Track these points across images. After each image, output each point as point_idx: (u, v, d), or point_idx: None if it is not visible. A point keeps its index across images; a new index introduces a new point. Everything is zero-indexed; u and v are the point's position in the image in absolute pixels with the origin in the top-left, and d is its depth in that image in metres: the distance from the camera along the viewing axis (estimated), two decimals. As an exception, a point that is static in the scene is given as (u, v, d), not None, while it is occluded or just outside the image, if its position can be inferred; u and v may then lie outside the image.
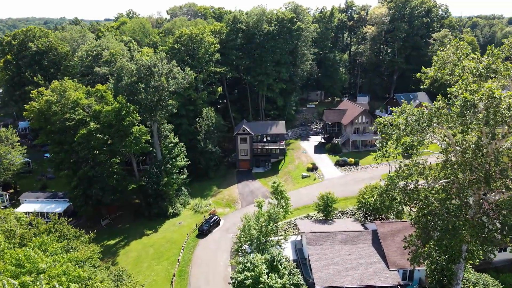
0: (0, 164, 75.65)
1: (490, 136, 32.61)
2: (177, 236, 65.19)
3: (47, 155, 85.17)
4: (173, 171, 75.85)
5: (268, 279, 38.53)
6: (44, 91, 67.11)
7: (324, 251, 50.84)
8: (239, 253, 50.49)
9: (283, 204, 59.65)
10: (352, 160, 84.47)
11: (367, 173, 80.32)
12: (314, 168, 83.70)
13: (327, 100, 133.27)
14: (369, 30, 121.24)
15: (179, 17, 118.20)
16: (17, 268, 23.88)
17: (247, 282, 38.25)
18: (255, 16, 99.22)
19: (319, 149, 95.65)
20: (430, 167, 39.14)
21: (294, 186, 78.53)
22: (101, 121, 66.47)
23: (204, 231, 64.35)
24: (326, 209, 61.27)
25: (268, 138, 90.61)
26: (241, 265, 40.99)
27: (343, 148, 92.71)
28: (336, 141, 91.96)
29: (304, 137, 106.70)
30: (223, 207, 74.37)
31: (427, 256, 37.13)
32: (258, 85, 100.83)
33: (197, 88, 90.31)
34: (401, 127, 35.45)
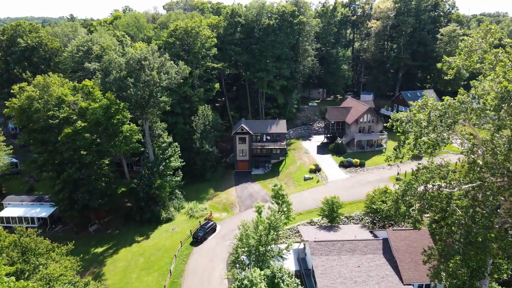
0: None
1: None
2: (169, 244, 60.26)
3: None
4: (167, 172, 70.98)
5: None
6: (26, 86, 62.16)
7: (330, 262, 45.91)
8: (237, 265, 45.66)
9: (285, 209, 54.77)
10: (358, 161, 79.49)
11: (373, 175, 75.33)
12: (317, 169, 78.75)
13: (329, 99, 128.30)
14: (373, 24, 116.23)
15: (175, 10, 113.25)
16: None
17: (244, 303, 33.35)
18: (254, 9, 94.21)
19: (322, 149, 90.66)
20: (454, 170, 34.21)
21: (296, 189, 73.57)
22: (88, 119, 61.53)
23: (199, 238, 59.42)
24: (331, 214, 56.35)
25: (268, 137, 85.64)
26: (237, 281, 36.04)
27: (347, 148, 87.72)
28: (340, 141, 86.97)
29: (306, 137, 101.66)
30: (219, 212, 69.41)
31: (452, 273, 32.16)
32: (257, 82, 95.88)
33: (193, 85, 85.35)
34: (423, 124, 30.45)
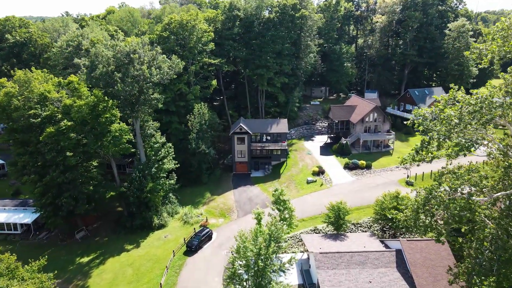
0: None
1: None
2: (161, 253, 55.35)
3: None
4: (160, 175, 66.13)
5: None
6: (5, 82, 57.29)
7: (338, 277, 41.06)
8: (234, 280, 40.79)
9: (287, 216, 49.92)
10: (364, 162, 74.57)
11: (381, 177, 70.42)
12: (320, 171, 73.86)
13: (332, 97, 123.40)
14: (379, 19, 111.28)
15: (170, 4, 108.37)
16: None
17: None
18: (254, 2, 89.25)
19: (325, 150, 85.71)
20: (485, 175, 29.35)
21: (298, 192, 68.66)
22: (73, 118, 56.63)
23: (193, 247, 54.50)
24: (338, 221, 51.43)
25: (269, 137, 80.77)
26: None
27: (352, 149, 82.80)
28: (345, 141, 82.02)
29: (308, 137, 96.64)
30: (216, 217, 64.50)
31: (486, 298, 27.35)
32: (257, 79, 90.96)
33: (189, 82, 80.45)
34: (453, 122, 25.57)
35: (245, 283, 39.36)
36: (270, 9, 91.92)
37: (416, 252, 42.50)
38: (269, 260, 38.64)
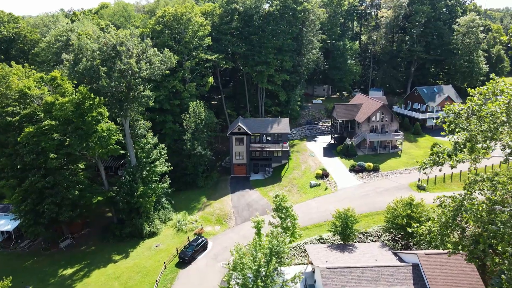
0: None
1: None
2: (151, 265, 50.50)
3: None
4: (152, 178, 61.48)
5: None
6: (-19, 78, 52.42)
7: (348, 296, 36.16)
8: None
9: (289, 224, 45.09)
10: (371, 165, 69.66)
11: (390, 181, 65.53)
12: (324, 174, 68.97)
13: (334, 96, 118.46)
14: (384, 14, 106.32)
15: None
16: None
17: None
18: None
19: (329, 151, 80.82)
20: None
21: (301, 197, 63.80)
22: (56, 117, 51.81)
23: (186, 258, 49.65)
24: (345, 231, 46.51)
25: (269, 138, 75.92)
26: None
27: (357, 151, 77.89)
28: (350, 142, 77.10)
29: (311, 137, 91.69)
30: (212, 225, 59.63)
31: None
32: (257, 76, 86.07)
33: (184, 79, 75.65)
34: (499, 120, 20.66)
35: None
36: (270, 2, 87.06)
37: (436, 267, 37.60)
38: (270, 278, 33.90)
